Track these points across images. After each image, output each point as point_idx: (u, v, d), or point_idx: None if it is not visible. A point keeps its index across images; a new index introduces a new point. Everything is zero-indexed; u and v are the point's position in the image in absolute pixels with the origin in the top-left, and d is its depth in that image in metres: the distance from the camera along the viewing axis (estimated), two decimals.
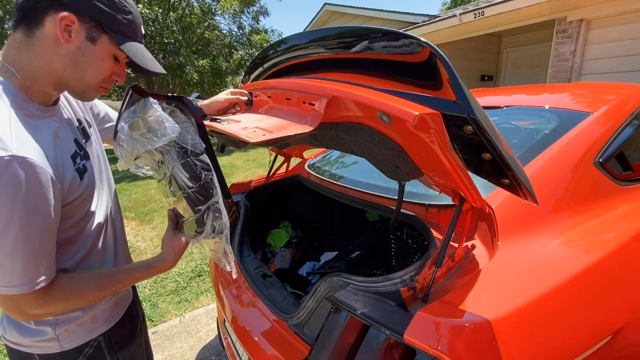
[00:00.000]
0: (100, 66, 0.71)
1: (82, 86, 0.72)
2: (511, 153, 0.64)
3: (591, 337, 0.73)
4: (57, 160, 0.67)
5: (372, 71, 0.70)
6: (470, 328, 0.61)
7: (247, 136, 0.67)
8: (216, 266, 1.49)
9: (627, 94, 1.35)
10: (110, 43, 0.69)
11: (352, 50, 0.70)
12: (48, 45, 0.65)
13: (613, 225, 0.97)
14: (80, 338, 0.81)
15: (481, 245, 0.85)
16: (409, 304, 0.72)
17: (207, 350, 1.98)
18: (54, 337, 0.77)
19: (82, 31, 0.65)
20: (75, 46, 0.66)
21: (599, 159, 1.07)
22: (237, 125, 0.79)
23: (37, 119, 0.67)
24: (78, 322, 0.80)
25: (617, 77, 4.36)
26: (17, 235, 0.58)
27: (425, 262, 0.77)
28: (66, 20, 0.63)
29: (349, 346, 0.74)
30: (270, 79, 1.10)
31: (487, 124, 0.55)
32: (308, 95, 0.73)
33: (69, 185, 0.70)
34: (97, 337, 0.84)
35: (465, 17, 5.64)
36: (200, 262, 3.02)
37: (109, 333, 0.86)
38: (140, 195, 5.42)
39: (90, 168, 0.80)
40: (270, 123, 0.77)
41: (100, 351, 0.84)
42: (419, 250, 1.31)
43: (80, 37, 0.66)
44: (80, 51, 0.67)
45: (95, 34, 0.67)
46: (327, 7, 10.26)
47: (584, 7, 4.46)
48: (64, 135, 0.74)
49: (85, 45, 0.67)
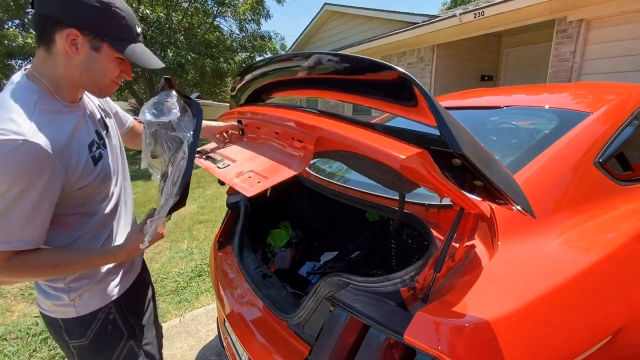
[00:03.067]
0: (109, 68, 0.83)
1: (97, 86, 0.85)
2: (505, 173, 0.64)
3: (591, 337, 0.73)
4: (72, 147, 0.79)
5: (355, 91, 0.72)
6: (470, 328, 0.61)
7: (243, 188, 0.73)
8: (216, 266, 1.49)
9: (627, 94, 1.35)
10: (111, 49, 0.80)
11: (337, 73, 0.73)
12: (63, 58, 0.77)
13: (613, 225, 0.97)
14: (93, 304, 0.92)
15: (481, 245, 0.84)
16: (409, 304, 0.72)
17: (207, 350, 1.98)
18: (70, 303, 0.89)
19: (86, 43, 0.77)
20: (84, 56, 0.78)
21: (599, 159, 1.07)
22: (233, 170, 0.85)
23: (62, 114, 0.81)
24: (88, 290, 0.91)
25: (617, 77, 4.36)
26: (12, 200, 0.68)
27: (425, 262, 0.77)
28: (71, 36, 0.74)
29: (349, 346, 0.74)
30: (261, 93, 1.15)
31: (475, 156, 0.54)
32: (296, 133, 0.78)
33: (83, 169, 0.82)
34: (109, 303, 0.94)
35: (465, 17, 5.64)
36: (200, 262, 3.02)
37: (120, 300, 0.97)
38: (140, 196, 5.42)
39: (106, 156, 0.92)
40: (262, 164, 0.82)
41: (112, 316, 0.95)
42: (419, 250, 1.31)
43: (86, 48, 0.77)
44: (89, 60, 0.79)
45: (97, 43, 0.78)
46: (327, 7, 10.26)
47: (584, 7, 4.46)
48: (85, 127, 0.87)
49: (92, 54, 0.79)
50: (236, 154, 0.97)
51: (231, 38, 11.66)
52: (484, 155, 0.59)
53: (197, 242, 3.45)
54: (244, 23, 11.40)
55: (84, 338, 0.91)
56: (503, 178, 0.62)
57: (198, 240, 3.47)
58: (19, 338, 2.13)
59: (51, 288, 0.88)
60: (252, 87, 1.14)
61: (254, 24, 11.56)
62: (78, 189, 0.82)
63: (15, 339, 2.13)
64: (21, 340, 2.11)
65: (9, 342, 2.10)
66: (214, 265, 1.54)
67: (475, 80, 7.70)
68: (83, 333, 0.91)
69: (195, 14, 10.75)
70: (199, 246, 3.36)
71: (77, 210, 0.86)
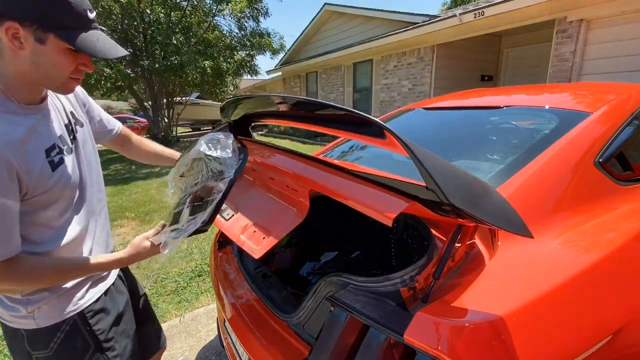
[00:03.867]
0: (60, 62, 0.74)
1: (52, 83, 0.77)
2: (498, 202, 0.65)
3: (591, 337, 0.73)
4: (27, 150, 0.74)
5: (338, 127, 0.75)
6: (470, 328, 0.61)
7: (251, 250, 0.81)
8: (216, 266, 1.49)
9: (627, 94, 1.35)
10: (58, 40, 0.71)
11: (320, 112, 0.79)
12: (9, 54, 0.70)
13: (613, 225, 0.97)
14: (53, 317, 0.87)
15: (481, 245, 0.84)
16: (409, 304, 0.72)
17: (207, 350, 1.98)
18: (29, 315, 0.84)
19: (29, 35, 0.68)
20: (30, 50, 0.70)
21: (599, 159, 1.07)
22: (237, 224, 0.94)
23: (15, 115, 0.75)
24: (48, 302, 0.85)
25: (617, 77, 4.36)
26: None
27: (425, 263, 0.77)
28: (11, 30, 0.67)
29: (349, 346, 0.74)
30: (251, 117, 1.20)
31: (465, 201, 0.54)
32: (290, 183, 0.85)
33: (39, 174, 0.76)
34: (72, 315, 0.89)
35: (465, 17, 5.65)
36: (201, 262, 3.03)
37: (85, 311, 0.92)
38: (141, 196, 5.42)
39: (71, 163, 0.86)
40: (264, 219, 0.92)
41: (77, 327, 0.90)
42: (419, 250, 1.31)
43: (30, 42, 0.69)
44: (35, 54, 0.71)
45: (41, 35, 0.69)
46: (327, 7, 10.27)
47: (584, 7, 4.47)
48: (45, 130, 0.81)
49: (38, 47, 0.70)
50: (237, 200, 1.05)
51: (230, 37, 11.63)
52: (474, 194, 0.59)
53: (197, 242, 3.45)
54: (242, 21, 11.37)
55: (47, 350, 0.87)
56: (496, 209, 0.63)
57: (198, 240, 3.47)
58: None
59: (8, 299, 0.84)
60: (242, 109, 1.18)
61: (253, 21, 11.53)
62: (34, 195, 0.76)
63: None
64: None
65: None
66: (214, 265, 1.54)
67: (475, 80, 7.70)
68: (46, 345, 0.87)
69: (194, 12, 10.73)
70: (199, 246, 3.36)
71: (39, 221, 0.80)
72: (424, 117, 1.85)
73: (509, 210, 0.67)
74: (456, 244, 0.81)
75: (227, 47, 11.31)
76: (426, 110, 1.89)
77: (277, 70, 13.94)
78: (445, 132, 1.62)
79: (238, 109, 1.18)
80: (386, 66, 8.21)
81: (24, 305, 0.84)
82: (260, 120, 1.22)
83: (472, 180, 0.62)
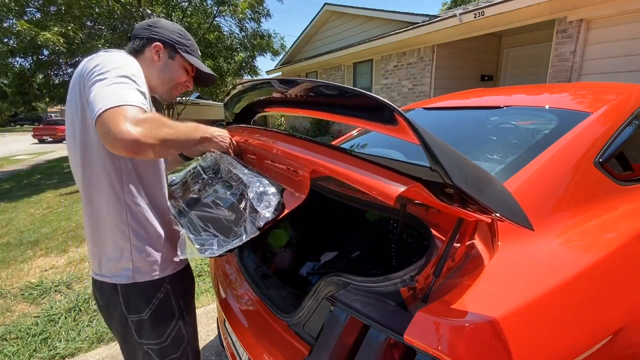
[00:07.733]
0: (177, 73, 1.11)
1: (164, 88, 1.10)
2: (501, 191, 0.64)
3: (591, 337, 0.73)
4: None
5: (343, 113, 0.75)
6: (470, 328, 0.61)
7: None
8: (216, 266, 1.49)
9: (627, 94, 1.35)
10: (182, 59, 1.10)
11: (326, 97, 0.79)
12: (148, 64, 1.05)
13: (613, 225, 0.97)
14: (152, 274, 1.00)
15: (481, 245, 0.84)
16: (409, 304, 0.72)
17: (207, 350, 1.98)
18: (130, 268, 0.97)
19: (165, 53, 1.07)
20: (163, 62, 1.07)
21: (599, 159, 1.07)
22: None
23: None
24: (147, 258, 0.98)
25: (617, 77, 4.36)
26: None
27: (425, 263, 0.77)
28: (157, 48, 1.05)
29: (349, 346, 0.74)
30: (254, 107, 1.24)
31: (469, 184, 0.54)
32: (292, 164, 0.86)
33: None
34: (165, 277, 1.02)
35: (465, 17, 5.65)
36: (201, 262, 3.02)
37: (174, 280, 1.05)
38: None
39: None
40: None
41: (168, 297, 1.04)
42: (419, 250, 1.31)
43: (164, 57, 1.07)
44: (165, 65, 1.08)
45: (173, 53, 1.09)
46: (327, 7, 10.26)
47: (584, 7, 4.47)
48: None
49: (168, 61, 1.08)
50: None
51: (231, 37, 11.61)
52: (478, 180, 0.58)
53: None
54: (243, 22, 11.35)
55: (143, 313, 0.99)
56: (499, 198, 0.62)
57: None
58: (19, 338, 2.13)
59: (117, 247, 0.96)
60: (246, 99, 1.18)
61: (254, 22, 11.51)
62: None
63: (15, 339, 2.13)
64: (21, 340, 2.11)
65: (9, 342, 2.10)
66: (214, 265, 1.54)
67: (475, 80, 7.70)
68: (142, 309, 0.99)
69: (195, 13, 10.71)
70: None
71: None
72: (424, 117, 1.85)
73: (511, 202, 0.67)
74: (456, 244, 0.81)
75: (228, 47, 11.29)
76: (426, 110, 1.89)
77: (277, 70, 13.96)
78: (446, 132, 1.62)
79: (243, 100, 1.21)
80: (386, 66, 8.21)
81: (128, 254, 0.96)
82: (265, 109, 1.23)
83: (476, 168, 0.61)
